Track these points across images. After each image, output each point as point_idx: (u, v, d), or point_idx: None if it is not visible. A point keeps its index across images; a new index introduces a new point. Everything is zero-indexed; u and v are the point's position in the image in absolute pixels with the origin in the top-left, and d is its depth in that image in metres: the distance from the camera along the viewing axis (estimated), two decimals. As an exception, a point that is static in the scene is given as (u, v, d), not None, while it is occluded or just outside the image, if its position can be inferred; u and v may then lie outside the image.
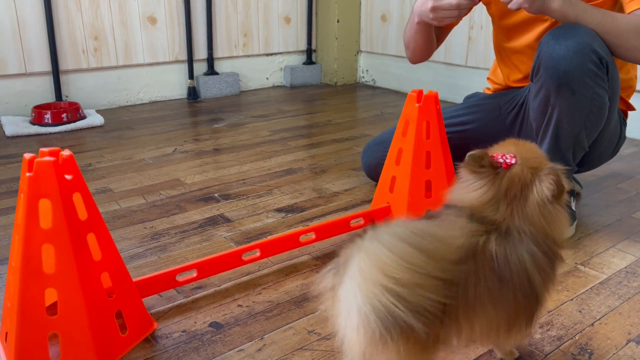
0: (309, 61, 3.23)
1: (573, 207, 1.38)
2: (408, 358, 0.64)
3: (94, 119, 2.33)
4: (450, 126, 1.53)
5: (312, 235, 1.26)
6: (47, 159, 0.82)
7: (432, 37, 1.48)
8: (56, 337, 0.88)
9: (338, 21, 3.10)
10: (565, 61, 1.16)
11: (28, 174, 0.83)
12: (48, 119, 2.23)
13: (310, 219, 1.43)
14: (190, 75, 2.80)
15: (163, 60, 2.73)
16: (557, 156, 1.29)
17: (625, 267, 1.20)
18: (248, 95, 2.93)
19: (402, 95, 2.94)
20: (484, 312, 0.70)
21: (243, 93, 2.98)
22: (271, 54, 3.11)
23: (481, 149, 0.78)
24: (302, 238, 1.24)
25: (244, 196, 1.58)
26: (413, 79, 2.97)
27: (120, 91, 2.65)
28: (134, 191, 1.62)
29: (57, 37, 2.41)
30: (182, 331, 0.98)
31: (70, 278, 0.85)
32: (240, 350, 0.93)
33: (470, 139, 1.52)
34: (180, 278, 1.08)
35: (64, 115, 2.26)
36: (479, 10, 2.47)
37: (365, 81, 3.27)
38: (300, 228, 1.29)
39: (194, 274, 1.09)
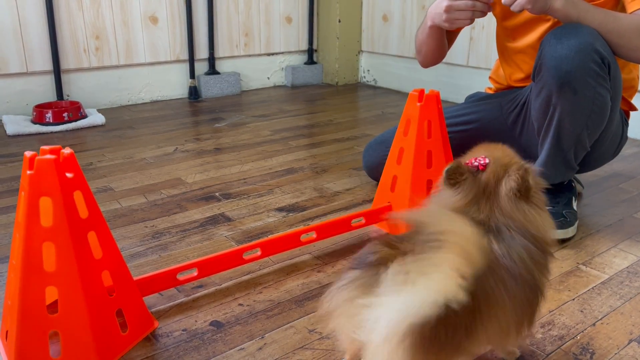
0: (310, 61, 3.23)
1: (574, 207, 1.38)
2: None
3: (95, 118, 2.33)
4: (452, 126, 1.52)
5: (313, 235, 1.25)
6: (48, 157, 0.82)
7: (444, 41, 1.48)
8: (57, 336, 0.88)
9: (339, 21, 3.10)
10: (567, 61, 1.16)
11: (29, 172, 0.83)
12: (49, 118, 2.23)
13: (311, 219, 1.43)
14: (192, 75, 2.80)
15: (164, 60, 2.73)
16: (559, 156, 1.28)
17: (627, 267, 1.20)
18: (249, 95, 2.93)
19: (404, 95, 2.94)
20: (504, 313, 0.70)
21: (244, 93, 2.98)
22: (272, 54, 3.11)
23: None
24: (303, 237, 1.24)
25: (245, 195, 1.58)
26: (414, 79, 2.96)
27: (121, 90, 2.65)
28: (135, 190, 1.61)
29: (59, 36, 2.41)
30: (183, 330, 0.98)
31: (71, 276, 0.84)
32: (241, 349, 0.93)
33: (472, 138, 1.50)
34: (181, 277, 1.08)
35: (65, 114, 2.26)
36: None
37: (367, 81, 3.27)
38: (301, 227, 1.29)
39: (195, 273, 1.09)
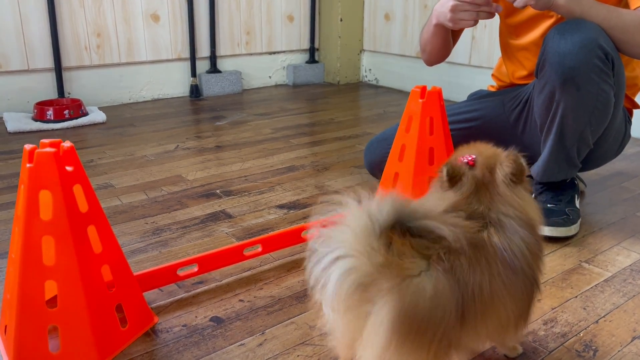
0: (312, 60, 3.22)
1: (577, 205, 1.37)
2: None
3: (95, 115, 2.32)
4: (454, 123, 1.51)
5: (314, 232, 1.25)
6: (48, 150, 0.82)
7: (449, 40, 1.48)
8: (56, 331, 0.87)
9: (341, 20, 3.10)
10: (571, 57, 1.15)
11: (28, 165, 0.82)
12: (50, 116, 2.23)
13: (312, 216, 1.42)
14: (193, 73, 2.79)
15: (166, 58, 2.73)
16: (562, 153, 1.28)
17: (630, 265, 1.19)
18: (250, 94, 2.93)
19: (405, 94, 2.93)
20: (503, 307, 0.69)
21: (245, 91, 2.98)
22: (274, 53, 3.10)
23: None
24: (304, 234, 1.23)
25: (246, 192, 1.57)
26: (416, 78, 2.96)
27: (122, 88, 2.64)
28: (136, 187, 1.61)
29: (60, 34, 2.40)
30: (183, 325, 0.97)
31: (71, 270, 0.84)
32: (241, 344, 0.92)
33: (474, 136, 1.49)
34: (181, 272, 1.07)
35: (66, 111, 2.25)
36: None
37: (368, 80, 3.26)
38: (302, 224, 1.28)
39: (195, 269, 1.08)
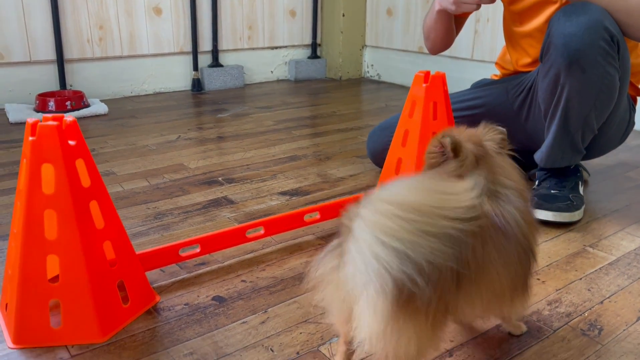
0: (314, 55, 3.22)
1: (581, 192, 1.36)
2: (415, 328, 0.62)
3: (97, 107, 2.32)
4: (457, 111, 1.51)
5: (317, 215, 1.24)
6: (51, 123, 0.81)
7: (452, 26, 1.48)
8: (57, 308, 0.87)
9: (343, 15, 3.09)
10: (576, 39, 1.15)
11: (31, 138, 0.81)
12: (52, 107, 2.22)
13: (315, 202, 1.42)
14: (195, 67, 2.79)
15: (168, 52, 2.73)
16: (566, 138, 1.27)
17: (634, 249, 1.18)
18: (252, 88, 2.92)
19: (407, 89, 2.92)
20: (496, 272, 0.69)
21: (247, 86, 2.98)
22: (276, 47, 3.10)
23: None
24: (307, 217, 1.23)
25: (248, 180, 1.57)
26: (418, 73, 2.95)
27: (124, 81, 2.64)
28: (137, 174, 1.60)
29: (63, 26, 2.40)
30: (185, 304, 0.96)
31: (73, 245, 0.83)
32: (243, 322, 0.91)
33: (477, 123, 1.50)
34: (183, 253, 1.06)
35: (68, 102, 2.25)
36: (485, 2, 2.45)
37: (370, 76, 3.26)
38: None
39: (197, 250, 1.08)
